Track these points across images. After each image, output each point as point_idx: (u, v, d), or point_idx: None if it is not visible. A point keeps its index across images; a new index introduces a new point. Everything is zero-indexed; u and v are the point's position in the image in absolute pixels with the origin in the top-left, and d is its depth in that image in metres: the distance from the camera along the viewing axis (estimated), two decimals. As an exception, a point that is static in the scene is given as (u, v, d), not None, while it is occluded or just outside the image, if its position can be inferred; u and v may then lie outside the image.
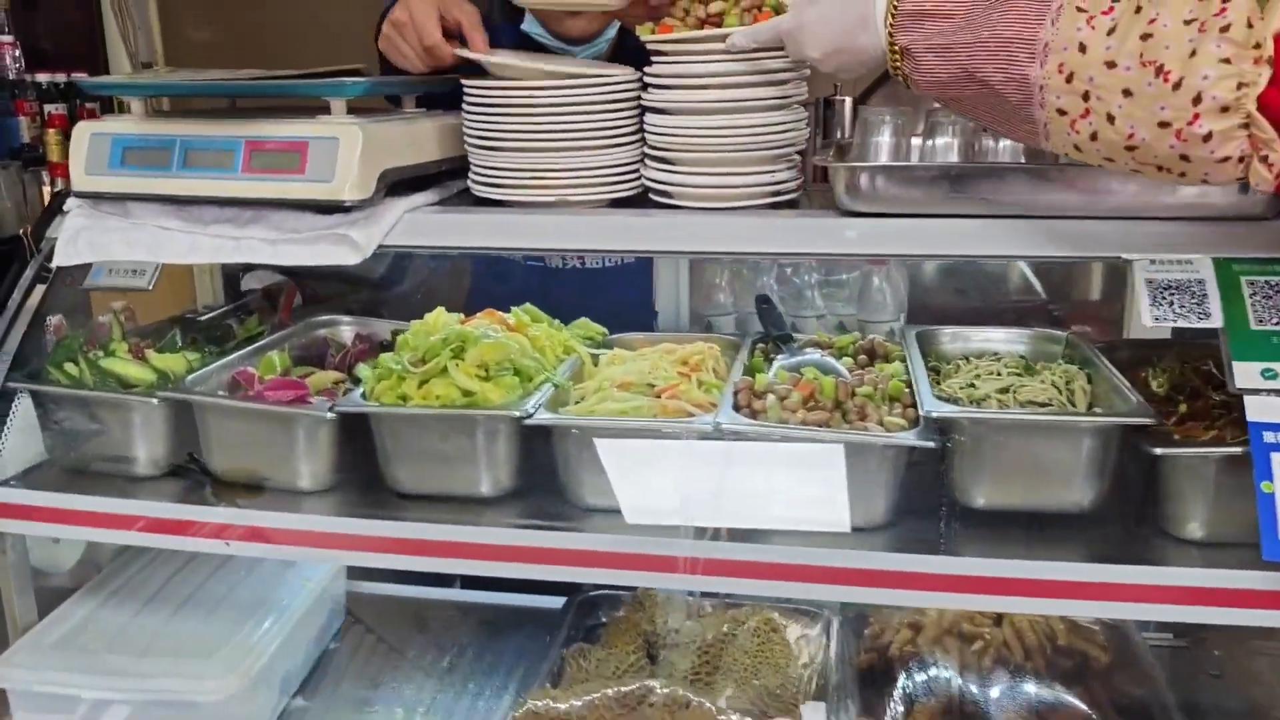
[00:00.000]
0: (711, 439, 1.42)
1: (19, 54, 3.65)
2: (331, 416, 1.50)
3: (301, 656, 1.86)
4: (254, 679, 1.64)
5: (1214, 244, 1.33)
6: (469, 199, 1.62)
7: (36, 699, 1.63)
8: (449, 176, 1.68)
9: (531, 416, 1.46)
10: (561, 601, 1.97)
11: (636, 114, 1.56)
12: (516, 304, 1.79)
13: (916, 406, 1.43)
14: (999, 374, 1.55)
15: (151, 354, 1.69)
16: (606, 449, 1.46)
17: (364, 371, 1.66)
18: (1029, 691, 1.58)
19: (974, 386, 1.52)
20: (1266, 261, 1.31)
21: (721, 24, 1.48)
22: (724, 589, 1.57)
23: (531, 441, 1.52)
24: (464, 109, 1.58)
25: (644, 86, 1.54)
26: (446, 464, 1.51)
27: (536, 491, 1.54)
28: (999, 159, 1.52)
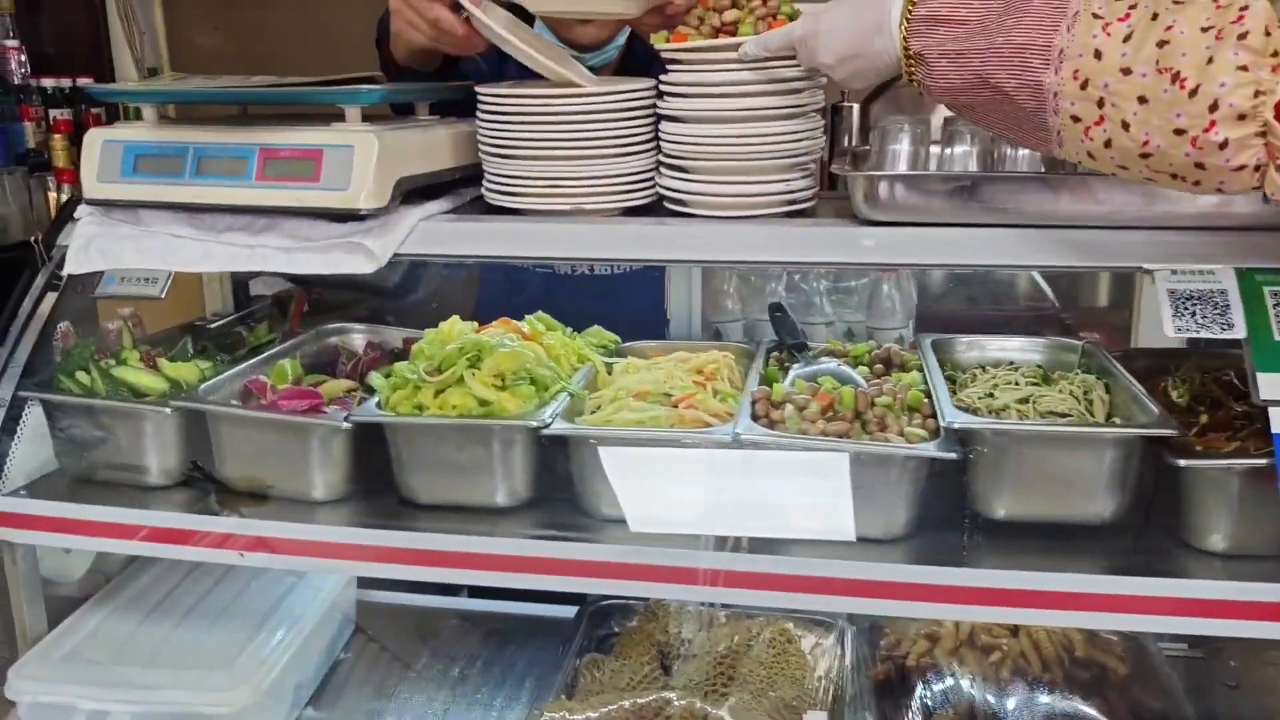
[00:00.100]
0: (730, 450, 1.42)
1: (24, 58, 3.64)
2: (347, 426, 1.48)
3: (313, 667, 1.84)
4: (266, 691, 1.63)
5: (1236, 254, 1.32)
6: (482, 207, 1.61)
7: (46, 711, 1.61)
8: (462, 184, 1.67)
9: (549, 426, 1.45)
10: (571, 611, 1.95)
11: (652, 122, 1.55)
12: (525, 311, 1.78)
13: (936, 417, 1.42)
14: (1017, 384, 1.54)
15: (163, 363, 1.68)
16: (624, 459, 1.45)
17: (377, 380, 1.65)
18: (1047, 703, 1.57)
19: (992, 396, 1.51)
20: (1290, 272, 1.30)
21: (736, 32, 1.48)
22: (744, 601, 1.56)
23: (547, 451, 1.51)
24: (478, 117, 1.57)
25: (659, 95, 1.53)
26: (462, 474, 1.50)
27: (552, 502, 1.53)
28: (1018, 168, 1.52)
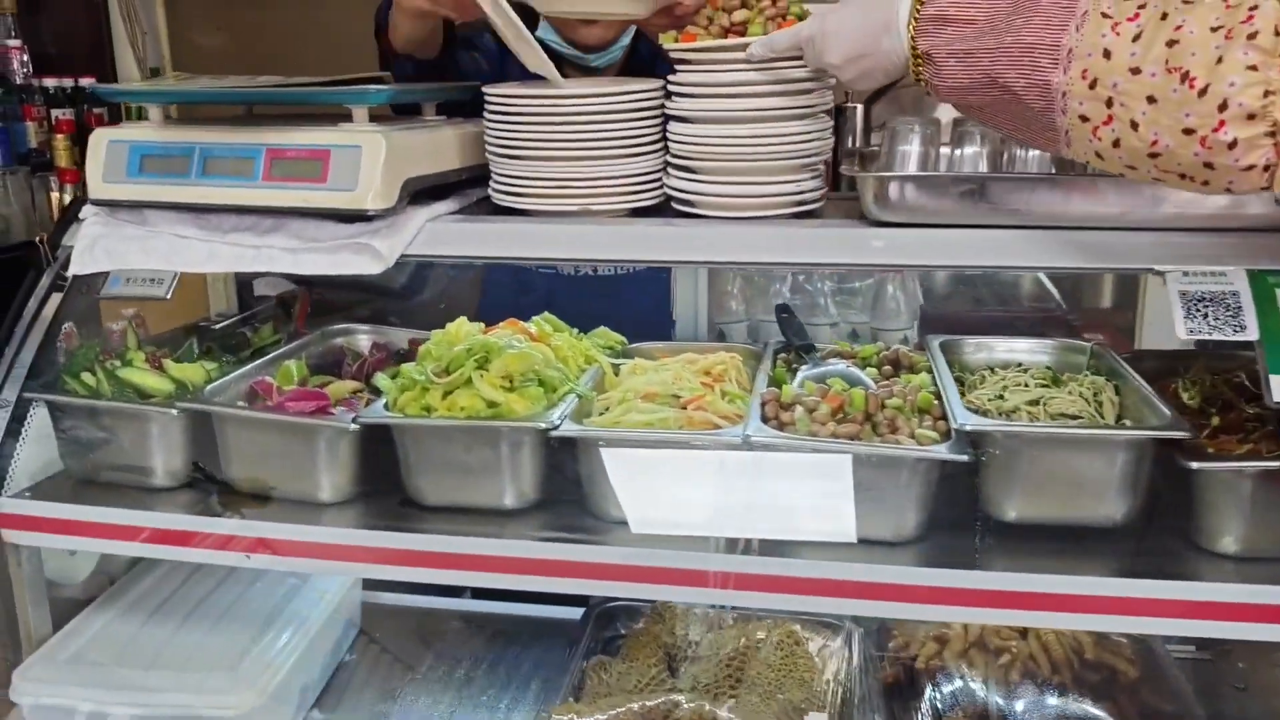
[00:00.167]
0: (740, 452, 1.41)
1: (26, 58, 3.62)
2: (355, 428, 1.48)
3: (318, 669, 1.84)
4: (272, 694, 1.62)
5: (1247, 255, 1.31)
6: (488, 208, 1.61)
7: (51, 714, 1.61)
8: (469, 185, 1.66)
9: (558, 428, 1.44)
10: (575, 612, 1.95)
11: (660, 123, 1.55)
12: (529, 312, 1.77)
13: (946, 419, 1.42)
14: (1026, 385, 1.53)
15: (169, 364, 1.67)
16: (633, 461, 1.44)
17: (383, 381, 1.64)
18: (1057, 705, 1.57)
19: (1002, 398, 1.50)
20: (1302, 273, 1.30)
21: (745, 33, 1.47)
22: (755, 604, 1.56)
23: (555, 453, 1.50)
24: (485, 117, 1.57)
25: (667, 95, 1.52)
26: (471, 476, 1.49)
27: (560, 504, 1.52)
28: (1028, 169, 1.51)
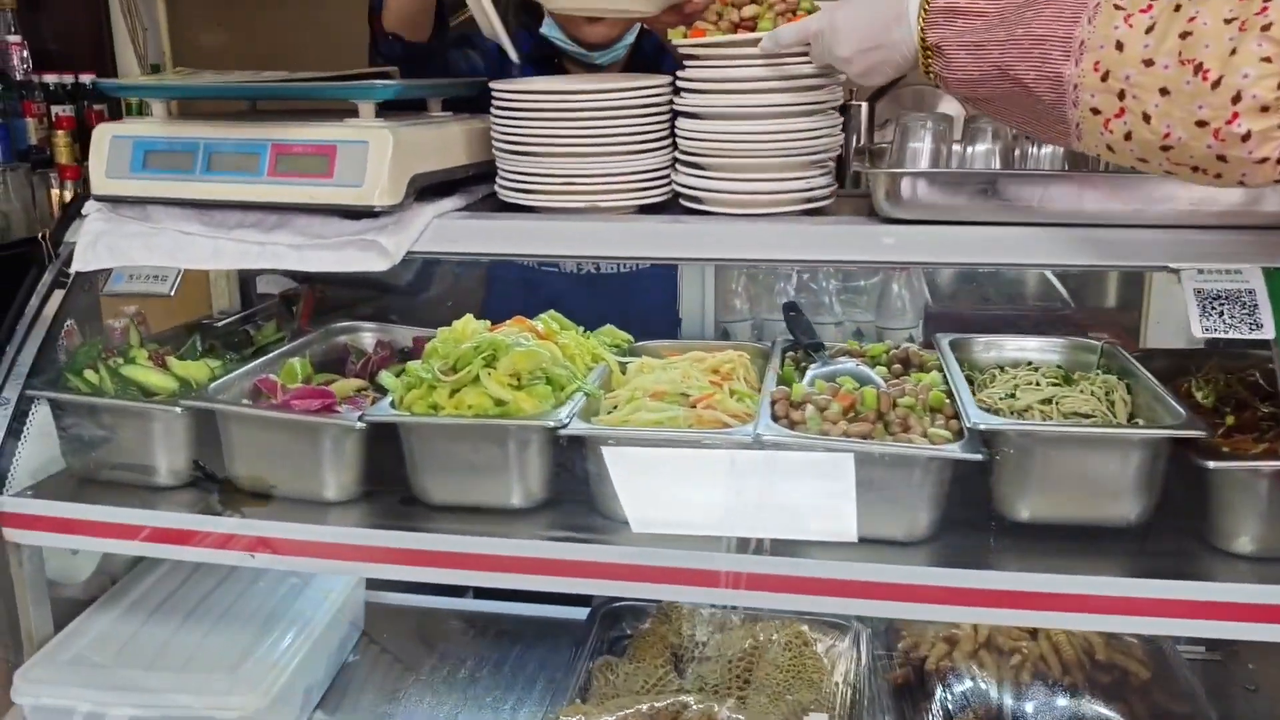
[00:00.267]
0: (750, 451, 1.40)
1: (26, 54, 3.60)
2: (361, 426, 1.46)
3: (322, 670, 1.82)
4: (276, 695, 1.60)
5: (1263, 253, 1.30)
6: (495, 204, 1.59)
7: (53, 715, 1.59)
8: (475, 181, 1.65)
9: (566, 426, 1.43)
10: (579, 612, 1.94)
11: (668, 119, 1.54)
12: (534, 309, 1.75)
13: (959, 418, 1.41)
14: (1038, 384, 1.52)
15: (173, 361, 1.66)
16: (642, 460, 1.43)
17: (389, 380, 1.63)
18: (1068, 706, 1.56)
19: (1014, 397, 1.49)
20: (1319, 270, 1.29)
21: (755, 28, 1.46)
22: (765, 604, 1.54)
23: (563, 452, 1.49)
24: (493, 113, 1.55)
25: (676, 91, 1.51)
26: (478, 475, 1.48)
27: (568, 503, 1.51)
28: (1041, 166, 1.50)
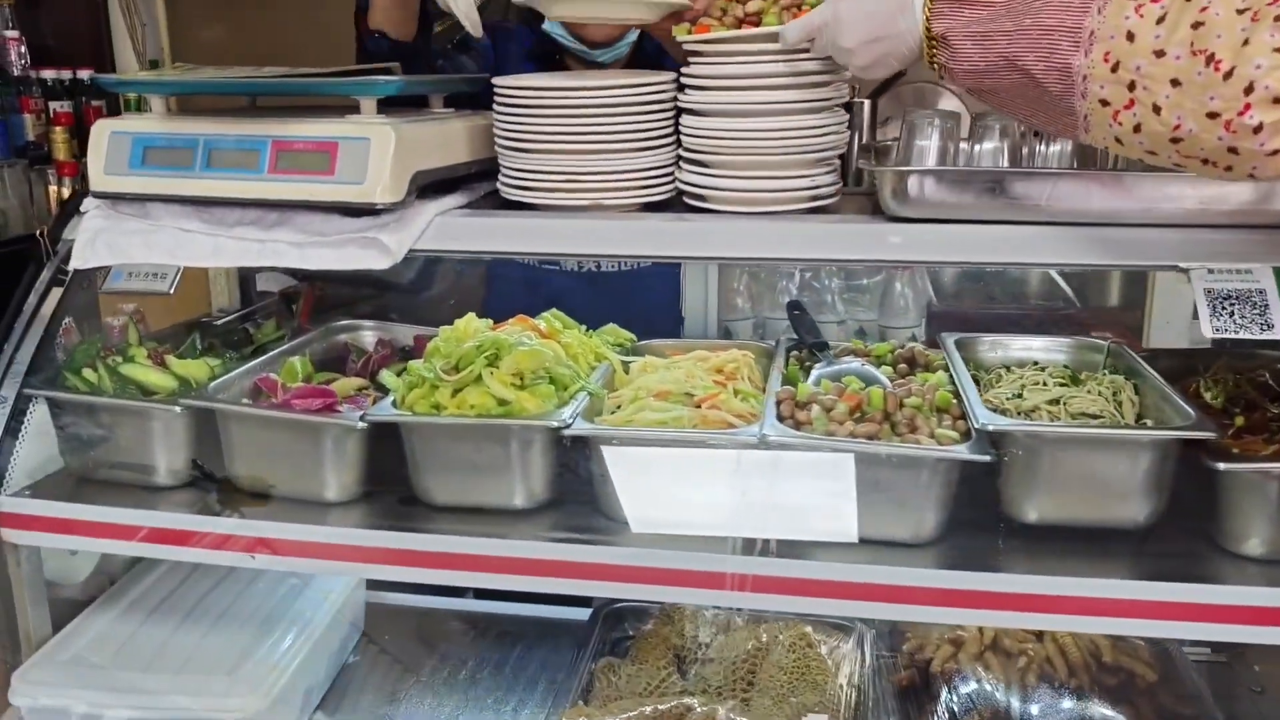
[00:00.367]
0: (755, 451, 1.38)
1: (24, 50, 3.58)
2: (363, 426, 1.45)
3: (322, 672, 1.81)
4: (276, 697, 1.59)
5: (1274, 252, 1.29)
6: (497, 202, 1.58)
7: (51, 716, 1.58)
8: (477, 179, 1.64)
9: (570, 426, 1.41)
10: (580, 613, 1.92)
11: (672, 116, 1.52)
12: (536, 308, 1.74)
13: (966, 418, 1.39)
14: (1045, 384, 1.51)
15: (172, 360, 1.64)
16: (646, 460, 1.42)
17: (390, 379, 1.62)
18: (1074, 709, 1.55)
19: (1021, 397, 1.48)
20: (1330, 270, 1.28)
21: (760, 23, 1.45)
22: (770, 606, 1.53)
23: (566, 452, 1.48)
24: (495, 109, 1.54)
25: (680, 88, 1.50)
26: (481, 475, 1.46)
27: (571, 503, 1.49)
28: (1049, 164, 1.49)
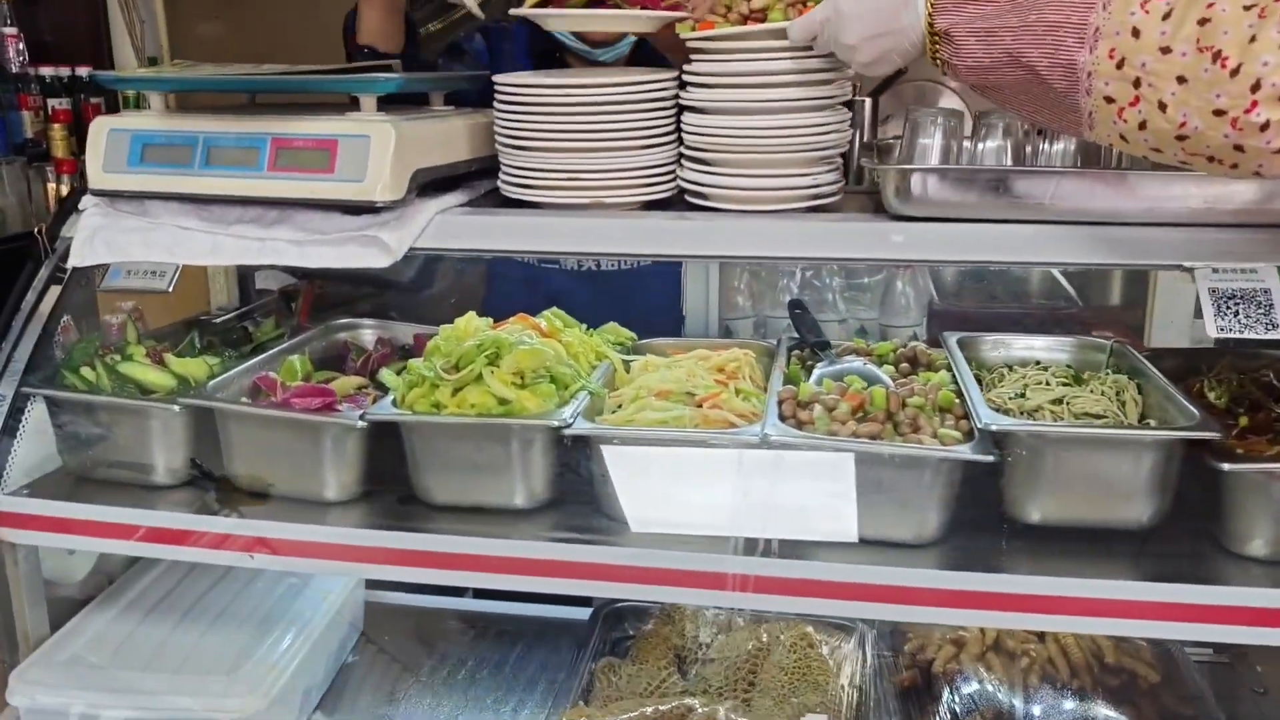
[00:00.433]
0: (756, 451, 1.37)
1: (22, 46, 3.57)
2: (363, 425, 1.44)
3: (322, 671, 1.80)
4: (275, 697, 1.58)
5: (1279, 252, 1.29)
6: (497, 200, 1.57)
7: (49, 717, 1.57)
8: (477, 176, 1.63)
9: (570, 426, 1.41)
10: (580, 612, 1.92)
11: (674, 113, 1.51)
12: (536, 307, 1.73)
13: (968, 418, 1.39)
14: (1048, 384, 1.50)
15: (170, 358, 1.63)
16: (647, 460, 1.41)
17: (390, 378, 1.61)
18: (1076, 710, 1.54)
19: (1024, 397, 1.47)
20: (1335, 269, 1.27)
21: (765, 19, 1.44)
22: (772, 607, 1.52)
23: (567, 451, 1.47)
24: (495, 107, 1.53)
25: (681, 85, 1.49)
26: (481, 474, 1.45)
27: (572, 503, 1.49)
28: (1053, 162, 1.48)
